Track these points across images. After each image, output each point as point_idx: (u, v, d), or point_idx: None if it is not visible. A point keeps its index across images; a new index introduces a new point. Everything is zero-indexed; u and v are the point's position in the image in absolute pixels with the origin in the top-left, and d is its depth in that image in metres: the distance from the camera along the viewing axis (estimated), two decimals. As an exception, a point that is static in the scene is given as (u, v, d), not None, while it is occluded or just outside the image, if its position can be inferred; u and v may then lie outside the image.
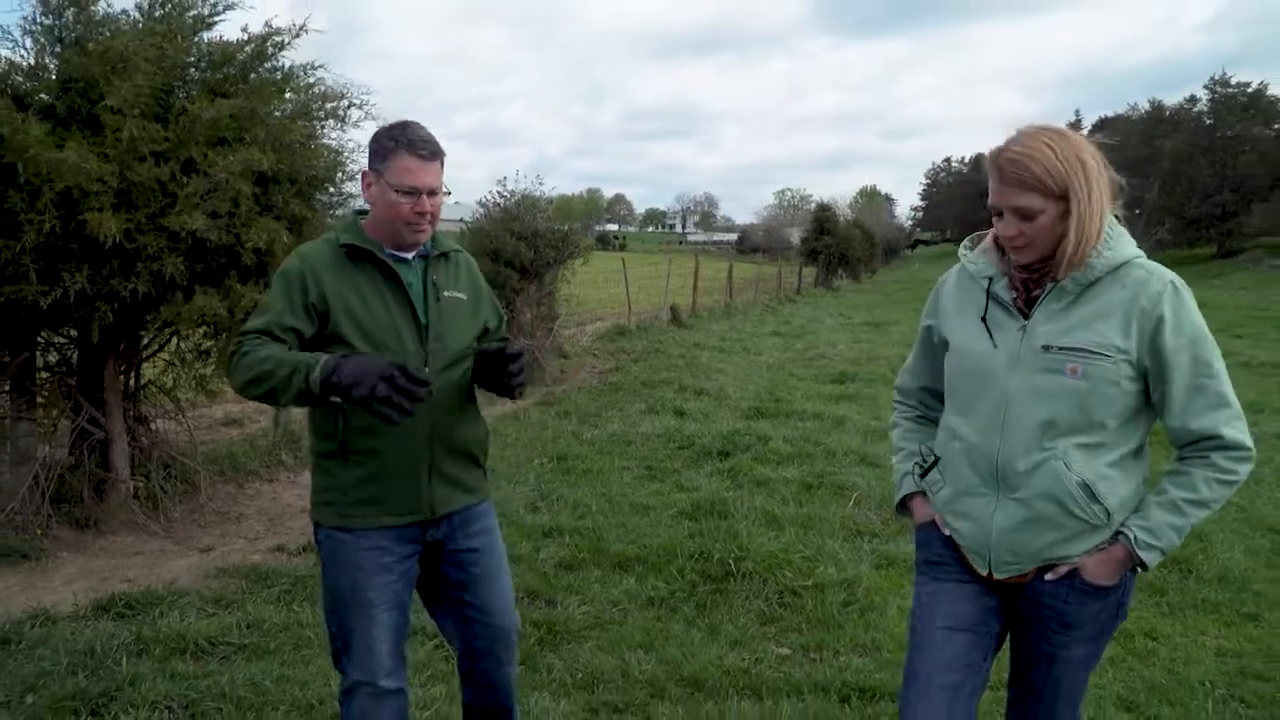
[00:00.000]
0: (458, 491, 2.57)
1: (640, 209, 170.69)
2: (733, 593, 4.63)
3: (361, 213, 2.54)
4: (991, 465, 2.13)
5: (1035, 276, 2.10)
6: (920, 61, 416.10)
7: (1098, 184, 1.99)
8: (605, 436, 8.19)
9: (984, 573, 2.20)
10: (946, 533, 2.27)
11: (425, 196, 2.38)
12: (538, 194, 11.90)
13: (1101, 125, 73.97)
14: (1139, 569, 2.10)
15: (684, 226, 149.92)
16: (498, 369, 2.47)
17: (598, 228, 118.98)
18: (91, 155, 4.31)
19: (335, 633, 2.51)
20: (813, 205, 46.91)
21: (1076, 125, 75.32)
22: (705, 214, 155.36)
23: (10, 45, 4.81)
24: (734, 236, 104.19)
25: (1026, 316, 2.09)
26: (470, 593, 2.62)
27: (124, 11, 5.15)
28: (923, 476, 2.34)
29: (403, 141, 2.37)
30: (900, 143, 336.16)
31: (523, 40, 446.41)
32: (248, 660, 3.75)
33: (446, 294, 2.53)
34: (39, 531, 5.19)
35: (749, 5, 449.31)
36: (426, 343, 2.45)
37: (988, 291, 2.16)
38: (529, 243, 11.06)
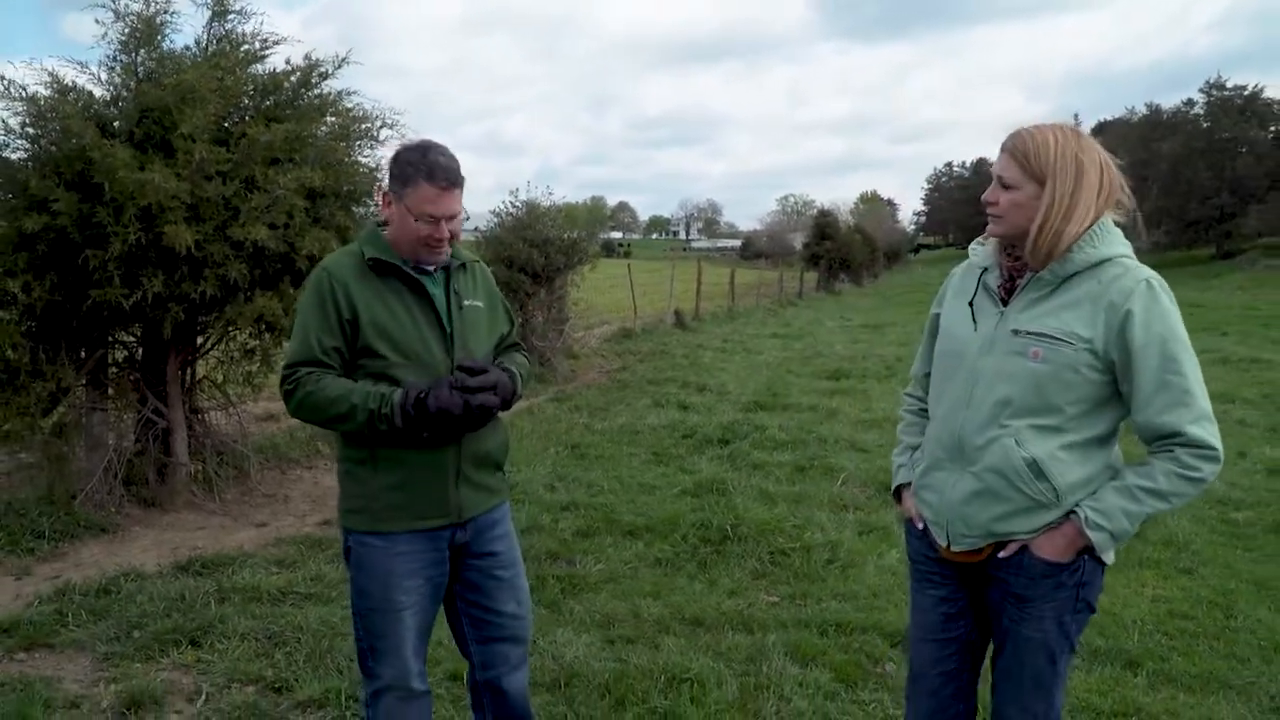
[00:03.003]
0: (482, 494, 2.63)
1: (645, 216, 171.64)
2: (729, 553, 5.27)
3: (381, 224, 2.58)
4: (955, 439, 2.25)
5: (1019, 266, 2.21)
6: (926, 65, 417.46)
7: (1088, 188, 2.09)
8: (615, 428, 8.84)
9: (944, 544, 2.31)
10: (920, 526, 2.40)
11: (443, 222, 2.42)
12: (547, 203, 12.60)
13: (1101, 129, 74.65)
14: (1091, 554, 2.16)
15: (688, 233, 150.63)
16: None
17: (602, 236, 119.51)
18: (170, 176, 4.97)
19: (362, 636, 2.57)
20: (815, 211, 47.57)
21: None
22: (709, 220, 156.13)
23: (92, 80, 5.49)
24: (738, 243, 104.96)
25: (1006, 304, 2.21)
26: (487, 595, 2.69)
27: (186, 48, 5.83)
28: None
29: (423, 169, 2.39)
30: (906, 147, 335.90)
31: (529, 51, 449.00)
32: (315, 605, 4.40)
33: (468, 303, 2.59)
34: (113, 509, 5.85)
35: (755, 12, 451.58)
36: (452, 351, 2.51)
37: (979, 279, 2.31)
38: (540, 250, 11.75)
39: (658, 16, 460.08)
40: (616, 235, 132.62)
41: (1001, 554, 2.22)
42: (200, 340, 6.47)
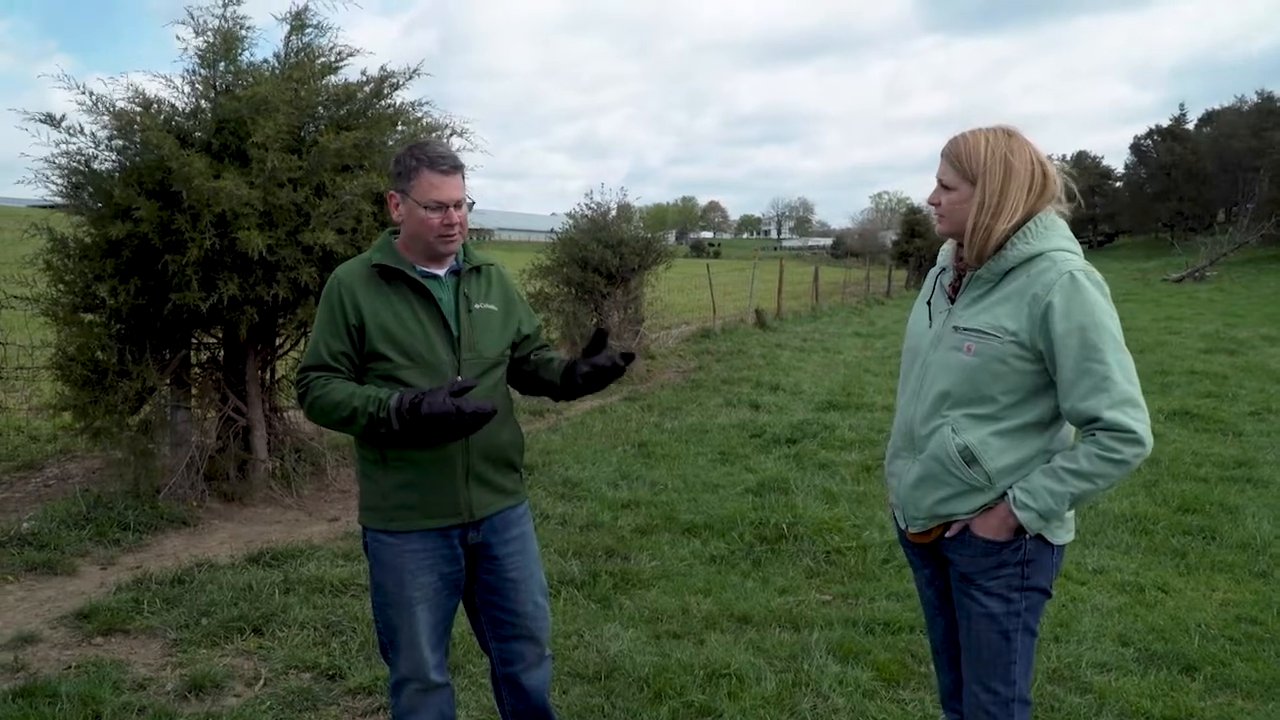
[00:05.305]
0: (495, 495, 2.66)
1: (737, 215, 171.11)
2: (784, 552, 5.28)
3: (395, 232, 2.64)
4: (908, 429, 2.41)
5: (965, 266, 2.33)
6: (1027, 57, 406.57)
7: (1017, 186, 2.20)
8: (684, 427, 8.88)
9: (904, 526, 2.48)
10: (894, 512, 2.57)
11: (451, 209, 2.47)
12: (623, 204, 12.72)
13: (1209, 118, 71.53)
14: (1037, 534, 2.27)
15: (779, 232, 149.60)
16: (603, 372, 2.64)
17: (692, 235, 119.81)
18: (243, 183, 5.20)
19: (381, 629, 2.66)
20: (906, 208, 46.65)
21: (1180, 120, 73.08)
22: (800, 219, 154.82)
23: (174, 93, 5.78)
24: (829, 241, 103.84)
25: (954, 302, 2.37)
26: (503, 596, 2.72)
27: (265, 60, 6.10)
28: None
29: (424, 159, 2.45)
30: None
31: (622, 51, 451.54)
32: (373, 596, 4.56)
33: (478, 306, 2.63)
34: (194, 503, 6.13)
35: (852, 6, 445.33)
36: (459, 352, 2.55)
37: (936, 279, 2.48)
38: (614, 250, 11.85)
39: (751, 13, 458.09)
40: (707, 235, 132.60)
41: (947, 534, 2.36)
42: (278, 341, 6.74)
